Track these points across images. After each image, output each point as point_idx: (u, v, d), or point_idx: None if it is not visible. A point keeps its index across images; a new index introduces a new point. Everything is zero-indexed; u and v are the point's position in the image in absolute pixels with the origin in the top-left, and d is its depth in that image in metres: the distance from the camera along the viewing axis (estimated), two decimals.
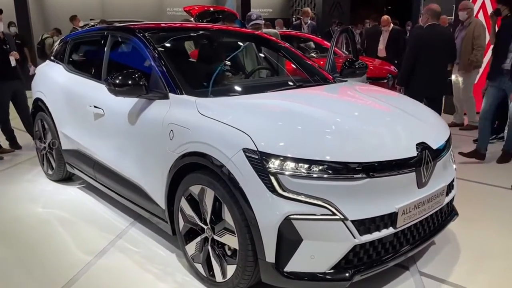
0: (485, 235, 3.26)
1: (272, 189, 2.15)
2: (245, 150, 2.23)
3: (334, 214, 2.13)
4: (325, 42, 8.38)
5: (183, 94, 2.79)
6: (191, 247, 2.70)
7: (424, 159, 2.39)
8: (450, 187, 2.71)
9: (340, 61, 4.29)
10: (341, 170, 2.16)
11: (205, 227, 2.58)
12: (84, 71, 3.94)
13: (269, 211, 2.16)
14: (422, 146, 2.42)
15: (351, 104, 2.82)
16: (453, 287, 2.61)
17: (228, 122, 2.39)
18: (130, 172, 3.19)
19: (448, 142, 2.72)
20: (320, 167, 2.15)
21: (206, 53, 3.61)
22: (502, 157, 4.99)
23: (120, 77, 2.86)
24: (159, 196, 2.89)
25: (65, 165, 4.31)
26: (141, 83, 2.86)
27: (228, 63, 3.57)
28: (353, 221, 2.16)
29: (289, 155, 2.16)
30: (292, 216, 2.12)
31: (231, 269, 2.43)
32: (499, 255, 2.98)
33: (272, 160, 2.17)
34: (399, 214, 2.30)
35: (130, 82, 2.84)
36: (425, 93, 5.28)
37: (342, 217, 2.14)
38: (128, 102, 3.09)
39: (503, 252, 3.01)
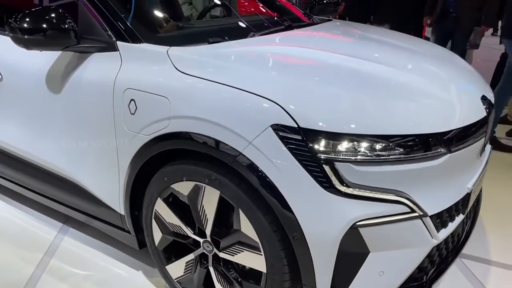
0: (506, 202, 2.90)
1: (328, 185, 1.40)
2: (277, 128, 1.43)
3: (412, 211, 1.47)
4: None
5: (141, 42, 1.82)
6: (177, 268, 1.87)
7: (489, 118, 1.82)
8: None
9: None
10: (420, 146, 1.48)
11: (201, 240, 1.76)
12: None
13: (325, 218, 1.42)
14: (488, 102, 1.84)
15: (389, 52, 2.09)
16: (502, 267, 2.20)
17: (237, 84, 1.53)
18: (55, 161, 2.16)
19: None
20: (392, 145, 1.44)
21: None
22: None
23: (31, 19, 1.78)
24: (113, 197, 1.97)
25: None
26: (66, 26, 1.81)
27: None
28: (431, 217, 1.53)
29: (350, 132, 1.41)
30: (360, 223, 1.42)
31: None
32: None
33: (325, 140, 1.40)
34: (471, 195, 1.73)
35: (49, 25, 1.78)
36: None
37: (421, 213, 1.49)
38: (45, 58, 2.01)
39: None
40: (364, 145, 1.41)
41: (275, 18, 2.50)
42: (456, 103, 1.70)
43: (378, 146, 1.42)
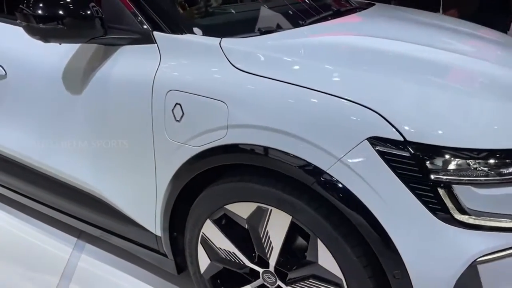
0: None
1: (443, 213, 1.12)
2: (375, 142, 1.14)
3: None
4: None
5: (184, 32, 1.50)
6: None
7: None
8: None
9: None
10: None
11: (261, 270, 1.48)
12: None
13: (437, 254, 1.14)
14: None
15: (473, 43, 1.80)
16: None
17: (317, 86, 1.23)
18: (74, 173, 1.84)
19: None
20: None
21: None
22: None
23: (49, 4, 1.45)
24: (148, 216, 1.67)
25: None
26: (88, 12, 1.48)
27: None
28: None
29: (472, 146, 1.13)
30: (480, 259, 1.15)
31: None
32: None
33: (440, 157, 1.12)
34: None
35: (71, 12, 1.46)
36: None
37: None
38: (60, 52, 1.69)
39: None
40: (488, 162, 1.13)
41: (317, 2, 2.18)
42: None
43: (504, 163, 1.14)
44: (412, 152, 1.11)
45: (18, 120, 1.96)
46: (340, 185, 1.18)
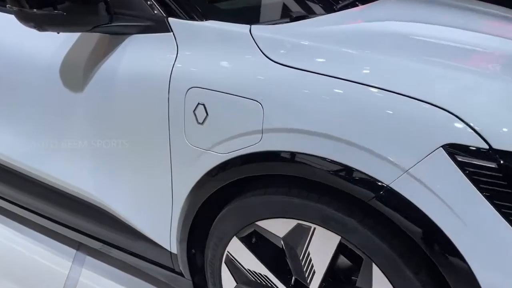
0: None
1: None
2: (453, 150, 0.93)
3: None
4: None
5: (204, 18, 1.28)
6: None
7: None
8: None
9: None
10: None
11: None
12: None
13: None
14: None
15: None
16: None
17: (376, 82, 1.02)
18: (75, 182, 1.61)
19: None
20: None
21: None
22: None
23: None
24: (162, 231, 1.45)
25: None
26: None
27: None
28: None
29: None
30: None
31: None
32: None
33: None
34: None
35: None
36: None
37: None
38: (56, 42, 1.45)
39: None
40: None
41: None
42: None
43: None
44: (501, 162, 0.91)
45: (8, 121, 1.73)
46: (407, 202, 0.98)
